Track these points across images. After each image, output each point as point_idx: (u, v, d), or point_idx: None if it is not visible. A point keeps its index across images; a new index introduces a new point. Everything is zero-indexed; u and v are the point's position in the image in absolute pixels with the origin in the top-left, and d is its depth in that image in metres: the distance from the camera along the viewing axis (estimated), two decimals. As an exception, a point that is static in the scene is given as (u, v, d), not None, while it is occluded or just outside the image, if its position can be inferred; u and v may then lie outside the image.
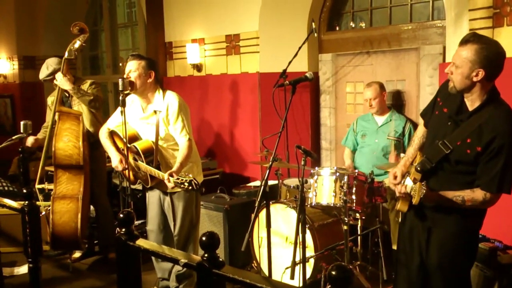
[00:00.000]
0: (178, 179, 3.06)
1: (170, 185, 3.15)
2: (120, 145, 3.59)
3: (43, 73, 4.33)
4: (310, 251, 3.60)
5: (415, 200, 2.34)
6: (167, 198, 3.54)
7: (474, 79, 2.30)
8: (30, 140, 4.37)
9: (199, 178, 3.63)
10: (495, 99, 2.37)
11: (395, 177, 2.58)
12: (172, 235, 3.59)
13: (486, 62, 2.27)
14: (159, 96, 3.47)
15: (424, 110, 2.74)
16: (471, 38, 2.31)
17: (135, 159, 3.47)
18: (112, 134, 3.64)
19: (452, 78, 2.36)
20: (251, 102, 5.40)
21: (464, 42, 2.32)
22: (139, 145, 3.43)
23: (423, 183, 2.40)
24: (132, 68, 3.41)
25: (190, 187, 3.01)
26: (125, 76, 3.41)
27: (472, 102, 2.38)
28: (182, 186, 3.04)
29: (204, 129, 5.94)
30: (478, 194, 2.36)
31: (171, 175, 3.14)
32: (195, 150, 3.63)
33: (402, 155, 4.01)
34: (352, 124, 4.50)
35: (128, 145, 3.39)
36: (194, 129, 4.44)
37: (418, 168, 2.44)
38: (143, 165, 3.40)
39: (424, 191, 2.33)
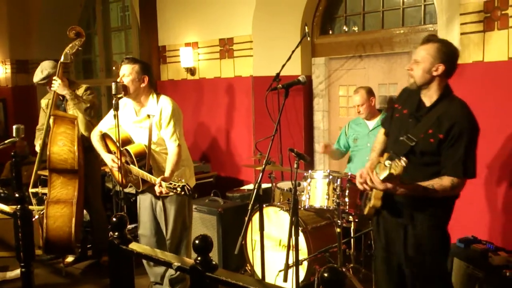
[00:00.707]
0: (170, 184, 3.06)
1: (160, 189, 3.15)
2: (113, 148, 3.58)
3: (38, 76, 4.31)
4: (303, 254, 3.61)
5: (397, 171, 2.32)
6: (159, 202, 3.53)
7: (434, 73, 2.53)
8: (38, 148, 4.34)
9: (191, 181, 3.63)
10: (449, 94, 2.60)
11: (361, 176, 2.66)
12: (165, 239, 3.58)
13: (446, 58, 2.52)
14: (153, 101, 3.46)
15: (383, 119, 2.98)
16: (432, 37, 2.58)
17: (127, 163, 3.47)
18: (104, 137, 3.63)
19: (413, 74, 2.57)
20: (245, 105, 5.41)
21: (426, 41, 2.56)
22: (131, 149, 3.43)
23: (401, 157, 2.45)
24: (126, 73, 3.40)
25: (183, 192, 3.01)
26: (118, 80, 3.40)
27: (429, 98, 2.59)
28: (174, 191, 3.05)
29: (197, 132, 5.94)
30: (445, 180, 2.49)
31: (163, 180, 3.14)
32: (187, 154, 3.63)
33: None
34: (344, 127, 4.51)
35: (122, 148, 3.39)
36: (188, 133, 4.45)
37: (387, 164, 2.51)
38: (135, 169, 3.40)
39: (404, 163, 2.33)
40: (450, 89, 2.61)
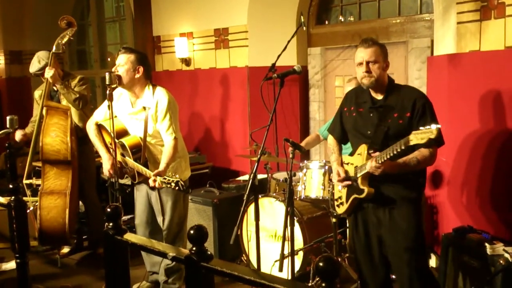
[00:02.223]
0: (165, 179, 3.06)
1: (154, 184, 3.14)
2: (108, 139, 3.57)
3: (34, 66, 4.26)
4: (299, 244, 3.61)
5: (435, 134, 2.36)
6: (155, 193, 3.52)
7: (385, 69, 2.81)
8: (18, 135, 4.33)
9: (187, 172, 3.62)
10: (394, 84, 2.84)
11: (339, 175, 2.86)
12: (161, 229, 3.58)
13: (386, 56, 2.83)
14: (148, 92, 3.43)
15: (331, 127, 3.14)
16: (372, 40, 2.81)
17: (122, 155, 3.45)
18: (100, 128, 3.61)
19: (373, 75, 2.75)
20: (240, 96, 5.39)
21: (370, 43, 2.78)
22: (126, 141, 3.41)
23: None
24: (121, 62, 3.37)
25: (177, 188, 3.02)
26: (113, 69, 3.38)
27: (380, 91, 2.81)
28: (168, 186, 3.04)
29: (193, 123, 5.92)
30: (424, 152, 2.66)
31: (158, 174, 3.13)
32: (183, 145, 3.62)
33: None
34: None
35: (117, 140, 3.37)
36: (183, 123, 4.44)
37: (371, 151, 2.71)
38: (130, 161, 3.39)
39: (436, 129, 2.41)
40: (392, 79, 2.86)
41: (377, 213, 2.81)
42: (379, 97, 2.82)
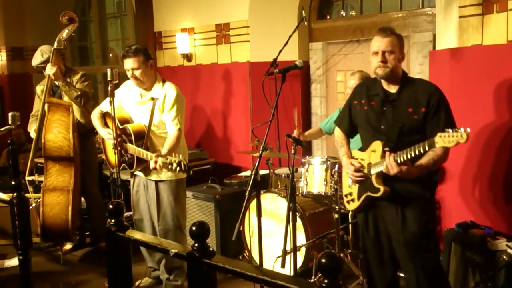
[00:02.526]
0: (167, 159, 3.02)
1: (155, 165, 3.11)
2: (112, 127, 3.59)
3: (37, 60, 4.26)
4: (301, 240, 3.61)
5: (465, 138, 2.28)
6: (152, 187, 3.53)
7: (401, 61, 2.74)
8: (32, 134, 4.31)
9: None
10: (407, 77, 2.78)
11: (353, 166, 2.79)
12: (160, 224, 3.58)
13: (403, 47, 2.76)
14: (158, 85, 3.49)
15: (339, 120, 3.08)
16: (390, 29, 2.74)
17: (124, 141, 3.46)
18: (105, 115, 3.65)
19: (388, 65, 2.68)
20: (242, 91, 5.38)
21: (388, 33, 2.71)
22: (131, 127, 3.46)
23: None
24: (134, 66, 3.39)
25: (178, 168, 2.95)
26: (130, 75, 3.40)
27: (393, 84, 2.74)
28: (170, 166, 2.99)
29: (195, 119, 5.91)
30: (438, 150, 2.57)
31: (159, 156, 3.12)
32: (183, 142, 3.63)
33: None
34: (338, 111, 4.40)
35: (121, 126, 3.40)
36: (185, 119, 4.39)
37: (386, 149, 2.64)
38: (131, 146, 3.40)
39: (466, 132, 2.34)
40: (406, 72, 2.80)
41: (388, 211, 2.76)
42: (392, 90, 2.75)
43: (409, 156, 2.49)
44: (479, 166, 3.67)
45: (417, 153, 2.46)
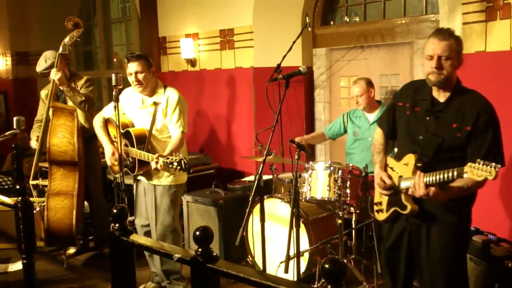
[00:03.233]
0: (168, 159, 3.06)
1: (156, 165, 3.14)
2: (113, 133, 3.61)
3: (41, 66, 4.28)
4: (304, 246, 3.61)
5: (493, 175, 2.16)
6: (150, 190, 3.56)
7: (457, 67, 2.49)
8: (33, 144, 4.32)
9: (185, 176, 3.66)
10: (460, 86, 2.55)
11: (384, 182, 2.62)
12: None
13: (461, 52, 2.51)
14: (160, 91, 3.52)
15: (381, 120, 2.89)
16: (448, 31, 2.49)
17: (126, 145, 3.49)
18: (107, 121, 3.67)
19: (444, 72, 2.44)
20: (246, 97, 5.39)
21: (447, 36, 2.45)
22: (133, 131, 3.49)
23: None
24: (138, 69, 3.42)
25: (179, 167, 3.00)
26: (132, 81, 3.41)
27: (443, 92, 2.52)
28: (171, 166, 3.04)
29: (198, 124, 5.93)
30: None
31: (160, 156, 3.15)
32: (185, 148, 3.65)
33: (395, 149, 4.01)
34: (342, 118, 4.41)
35: (123, 130, 3.43)
36: (189, 124, 4.44)
37: (419, 165, 2.46)
38: (133, 150, 3.42)
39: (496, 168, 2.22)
40: (459, 80, 2.56)
41: (414, 227, 2.61)
42: (441, 98, 2.52)
43: (436, 180, 2.35)
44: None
45: (445, 179, 2.31)
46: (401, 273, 2.72)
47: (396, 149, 2.89)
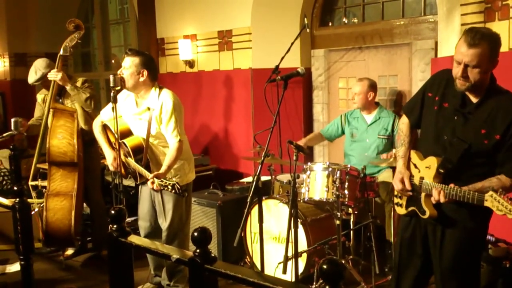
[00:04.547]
0: (162, 181, 3.07)
1: (153, 186, 3.15)
2: (113, 139, 3.59)
3: (32, 77, 4.25)
4: (302, 246, 3.61)
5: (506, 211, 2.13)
6: (158, 195, 3.53)
7: (488, 71, 2.33)
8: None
9: (190, 175, 3.62)
10: (495, 85, 2.39)
11: (403, 183, 2.55)
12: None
13: (498, 51, 2.32)
14: (154, 93, 3.43)
15: (408, 107, 2.70)
16: (481, 33, 2.27)
17: (125, 155, 3.47)
18: (105, 127, 3.63)
19: (469, 80, 2.31)
20: (244, 98, 5.39)
21: (477, 42, 2.26)
22: (128, 142, 3.41)
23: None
24: (126, 65, 3.38)
25: (173, 191, 3.03)
26: (119, 72, 3.39)
27: (476, 93, 2.37)
28: (166, 189, 3.06)
29: (197, 125, 5.93)
30: (505, 181, 2.30)
31: (157, 177, 3.13)
32: (187, 148, 3.62)
33: (394, 150, 4.01)
34: (340, 120, 4.42)
35: (120, 141, 3.39)
36: (187, 126, 4.43)
37: (441, 171, 2.38)
38: (132, 162, 3.40)
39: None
40: (494, 79, 2.41)
41: (429, 227, 2.56)
42: (473, 98, 2.37)
43: (455, 198, 2.27)
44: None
45: (464, 200, 2.23)
46: (413, 269, 2.65)
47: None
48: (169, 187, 3.03)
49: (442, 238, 2.50)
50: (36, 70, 4.24)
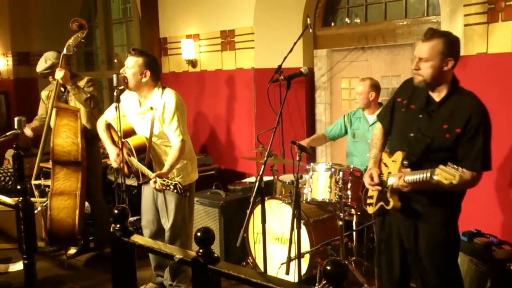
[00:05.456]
0: (164, 181, 3.07)
1: (155, 185, 3.15)
2: (116, 138, 3.59)
3: (41, 66, 4.29)
4: (305, 247, 3.60)
5: (457, 179, 2.19)
6: (161, 195, 3.53)
7: (445, 69, 2.47)
8: (27, 131, 4.35)
9: (193, 175, 3.62)
10: (457, 86, 2.55)
11: (372, 179, 2.67)
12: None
13: (453, 51, 2.48)
14: (157, 93, 3.44)
15: (381, 114, 2.90)
16: (434, 32, 2.49)
17: (128, 154, 3.47)
18: (109, 126, 3.64)
19: (421, 73, 2.49)
20: (246, 98, 5.39)
21: (429, 36, 2.46)
22: (131, 141, 3.42)
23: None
24: (129, 65, 3.38)
25: (175, 191, 3.03)
26: (121, 71, 3.39)
27: (438, 92, 2.53)
28: (167, 188, 3.06)
29: (199, 125, 5.93)
30: (466, 174, 2.38)
31: (159, 176, 3.13)
32: (190, 148, 3.62)
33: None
34: (343, 120, 4.41)
35: (123, 140, 3.39)
36: (190, 125, 4.46)
37: (405, 163, 2.50)
38: (135, 161, 3.40)
39: (462, 173, 2.26)
40: (457, 80, 2.56)
41: (401, 223, 2.66)
42: (436, 98, 2.53)
43: (414, 180, 2.39)
44: (484, 175, 3.65)
45: (422, 179, 2.35)
46: (396, 266, 2.75)
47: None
48: (171, 186, 3.04)
49: (417, 231, 2.59)
50: (46, 59, 4.28)
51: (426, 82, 2.49)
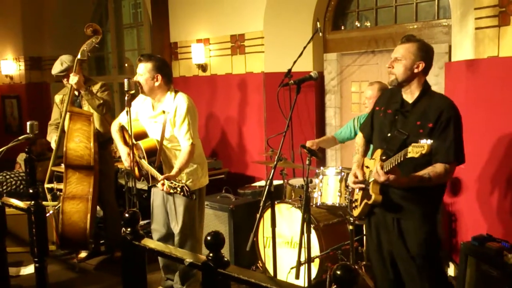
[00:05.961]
0: (172, 183, 3.09)
1: (163, 187, 3.16)
2: (129, 141, 3.63)
3: (57, 68, 4.33)
4: (315, 251, 3.60)
5: (426, 149, 2.30)
6: (170, 198, 3.54)
7: (415, 70, 2.67)
8: (54, 146, 4.37)
9: (203, 180, 3.63)
10: (429, 89, 2.74)
11: (356, 177, 2.80)
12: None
13: (425, 56, 2.69)
14: (170, 97, 3.48)
15: (363, 125, 3.07)
16: (411, 37, 2.73)
17: (139, 157, 3.50)
18: (123, 129, 3.68)
19: (394, 72, 2.71)
20: (256, 102, 5.40)
21: (406, 40, 2.72)
22: (143, 144, 3.46)
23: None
24: (140, 72, 3.43)
25: (182, 193, 3.04)
26: (134, 78, 3.43)
27: (411, 94, 2.73)
28: (175, 191, 3.08)
29: (209, 129, 5.94)
30: (439, 167, 2.57)
31: (167, 178, 3.15)
32: (201, 152, 3.64)
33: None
34: (352, 122, 4.41)
35: (134, 142, 3.42)
36: (200, 129, 4.47)
37: (383, 158, 2.60)
38: (145, 163, 3.43)
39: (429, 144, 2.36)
40: (429, 85, 2.75)
41: (386, 219, 2.77)
42: (410, 100, 2.73)
43: (391, 166, 2.50)
44: (495, 179, 3.63)
45: (398, 160, 2.46)
46: (387, 263, 2.83)
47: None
48: (178, 189, 3.05)
49: (400, 228, 2.70)
50: (62, 62, 4.32)
51: (397, 80, 2.69)
